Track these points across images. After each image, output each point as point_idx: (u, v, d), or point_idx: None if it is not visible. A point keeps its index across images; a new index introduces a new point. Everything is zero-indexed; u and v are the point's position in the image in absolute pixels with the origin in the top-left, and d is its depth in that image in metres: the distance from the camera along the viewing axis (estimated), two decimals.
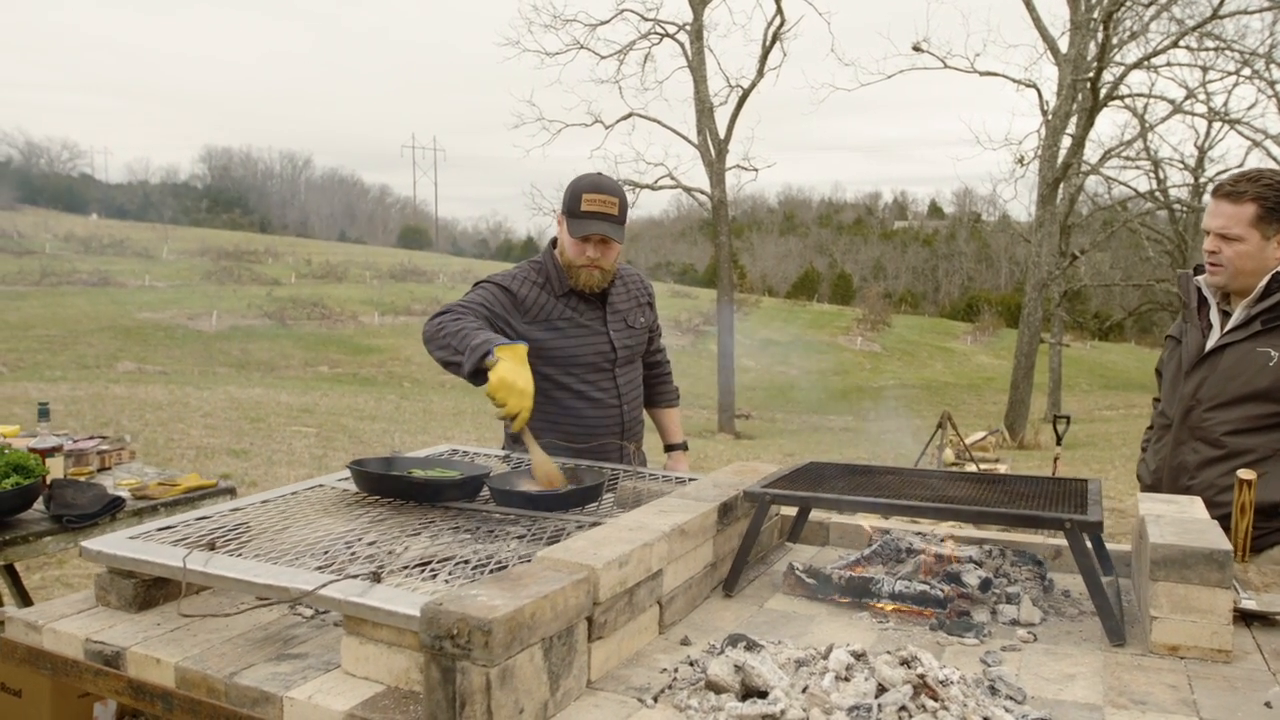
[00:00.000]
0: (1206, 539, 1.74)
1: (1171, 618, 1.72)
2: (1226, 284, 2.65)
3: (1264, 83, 21.05)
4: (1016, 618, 1.91)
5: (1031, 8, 18.47)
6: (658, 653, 1.76)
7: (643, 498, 2.50)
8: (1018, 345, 20.73)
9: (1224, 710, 1.49)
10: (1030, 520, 1.88)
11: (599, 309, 2.97)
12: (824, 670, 1.54)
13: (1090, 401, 31.68)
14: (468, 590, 1.46)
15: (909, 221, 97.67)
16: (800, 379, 35.54)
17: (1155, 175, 26.42)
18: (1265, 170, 2.69)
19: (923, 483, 2.25)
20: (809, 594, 2.08)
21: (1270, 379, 2.50)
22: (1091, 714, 1.48)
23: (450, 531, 2.13)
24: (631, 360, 3.08)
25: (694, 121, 19.66)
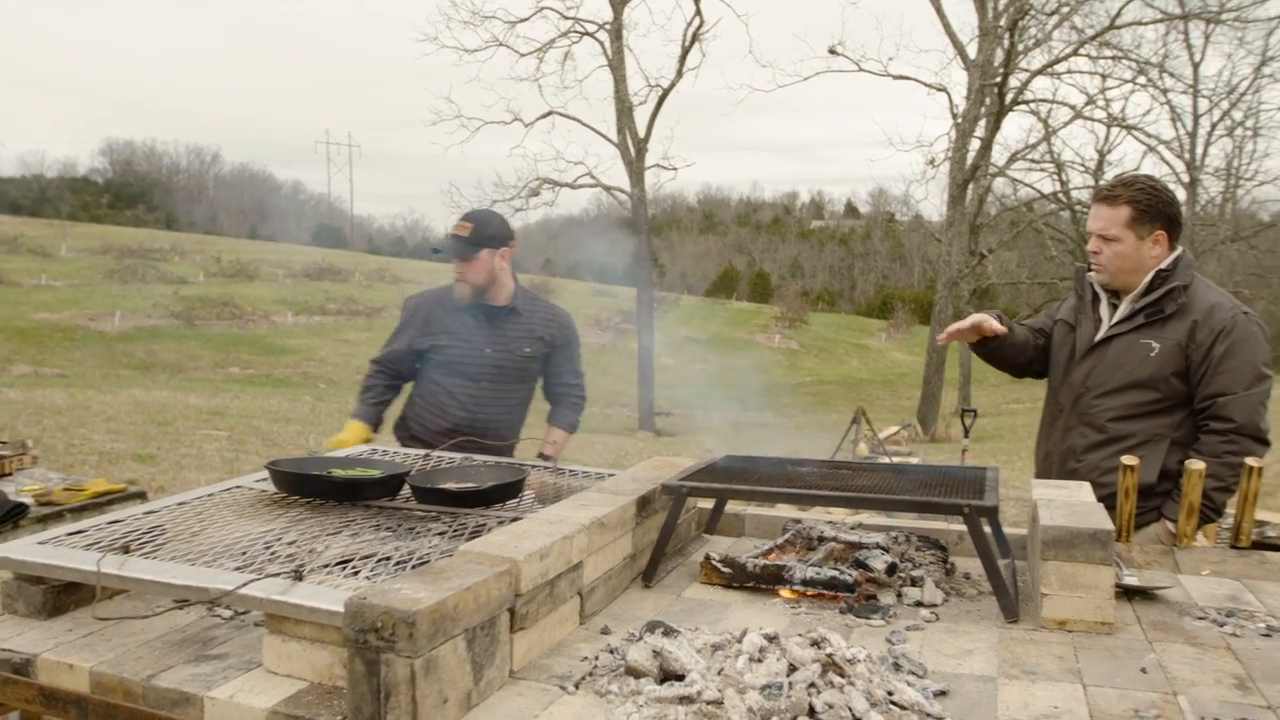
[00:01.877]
0: (1091, 520, 1.86)
1: (1060, 594, 1.84)
2: (1108, 281, 2.81)
3: (1157, 90, 22.14)
4: (920, 599, 2.01)
5: (942, 14, 19.07)
6: (579, 642, 1.80)
7: (563, 493, 2.54)
8: (929, 342, 21.40)
9: (1104, 677, 1.61)
10: (932, 506, 1.99)
11: (483, 328, 3.36)
12: (738, 653, 1.61)
13: (998, 395, 32.78)
14: (391, 584, 1.49)
15: (826, 221, 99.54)
16: (720, 376, 35.91)
17: (1058, 177, 27.48)
18: (1140, 176, 2.86)
19: (834, 474, 2.34)
20: (725, 582, 2.15)
21: (1151, 369, 2.67)
22: (986, 685, 1.58)
23: (371, 530, 2.14)
24: (507, 380, 3.40)
25: (614, 120, 19.74)
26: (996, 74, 18.73)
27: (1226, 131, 26.42)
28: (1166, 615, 1.93)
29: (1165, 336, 2.67)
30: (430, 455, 2.88)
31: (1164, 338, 2.67)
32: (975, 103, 19.07)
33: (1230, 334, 2.59)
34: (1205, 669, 1.65)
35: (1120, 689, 1.56)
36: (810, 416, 25.40)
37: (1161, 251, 2.75)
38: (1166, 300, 2.70)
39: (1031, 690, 1.56)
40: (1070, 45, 19.65)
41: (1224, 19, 20.27)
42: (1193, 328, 2.64)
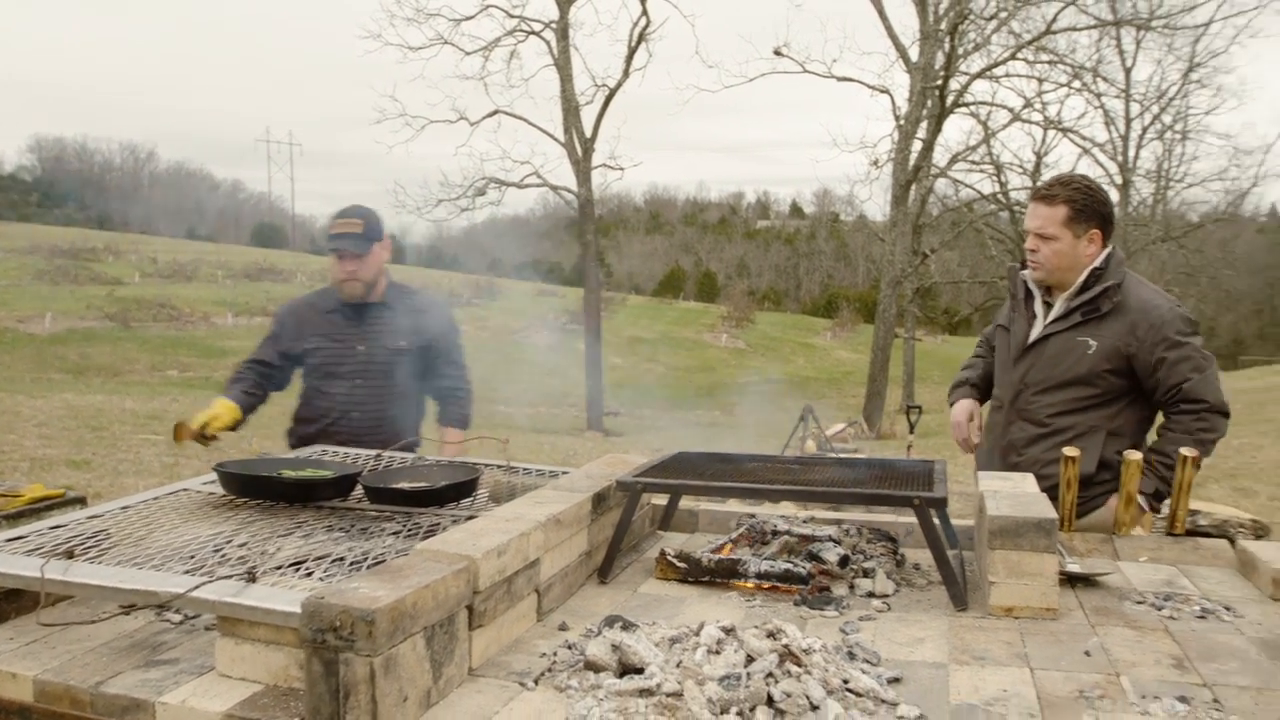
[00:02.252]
0: (1035, 509, 1.92)
1: (1007, 582, 1.89)
2: (1045, 279, 2.89)
3: (1092, 95, 22.74)
4: (872, 590, 2.05)
5: (884, 17, 19.36)
6: (537, 638, 1.81)
7: (517, 491, 2.54)
8: (874, 340, 21.70)
9: (1050, 660, 1.66)
10: (882, 499, 2.03)
11: (356, 327, 3.33)
12: (696, 646, 1.63)
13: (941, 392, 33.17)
14: (348, 583, 1.47)
15: (771, 221, 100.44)
16: (667, 376, 36.06)
17: (997, 179, 28.10)
18: (1076, 175, 2.95)
19: (785, 469, 2.37)
20: (680, 577, 2.17)
21: (1089, 366, 2.75)
22: (937, 671, 1.62)
23: (324, 531, 2.11)
24: (382, 376, 3.35)
25: (560, 120, 19.69)
26: (937, 77, 19.08)
27: (1157, 135, 27.29)
28: (1107, 600, 2.00)
29: (1102, 334, 2.75)
30: (382, 455, 2.86)
31: (1101, 335, 2.75)
32: (917, 105, 19.40)
33: (1166, 325, 2.68)
34: (1145, 650, 1.71)
35: (1065, 671, 1.61)
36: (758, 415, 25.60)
37: (1096, 250, 2.83)
38: (1102, 299, 2.78)
39: (981, 675, 1.60)
40: (1008, 50, 20.10)
41: (1154, 26, 20.92)
42: (1132, 326, 2.71)
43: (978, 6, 19.03)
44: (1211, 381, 2.65)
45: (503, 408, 24.44)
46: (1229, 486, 9.00)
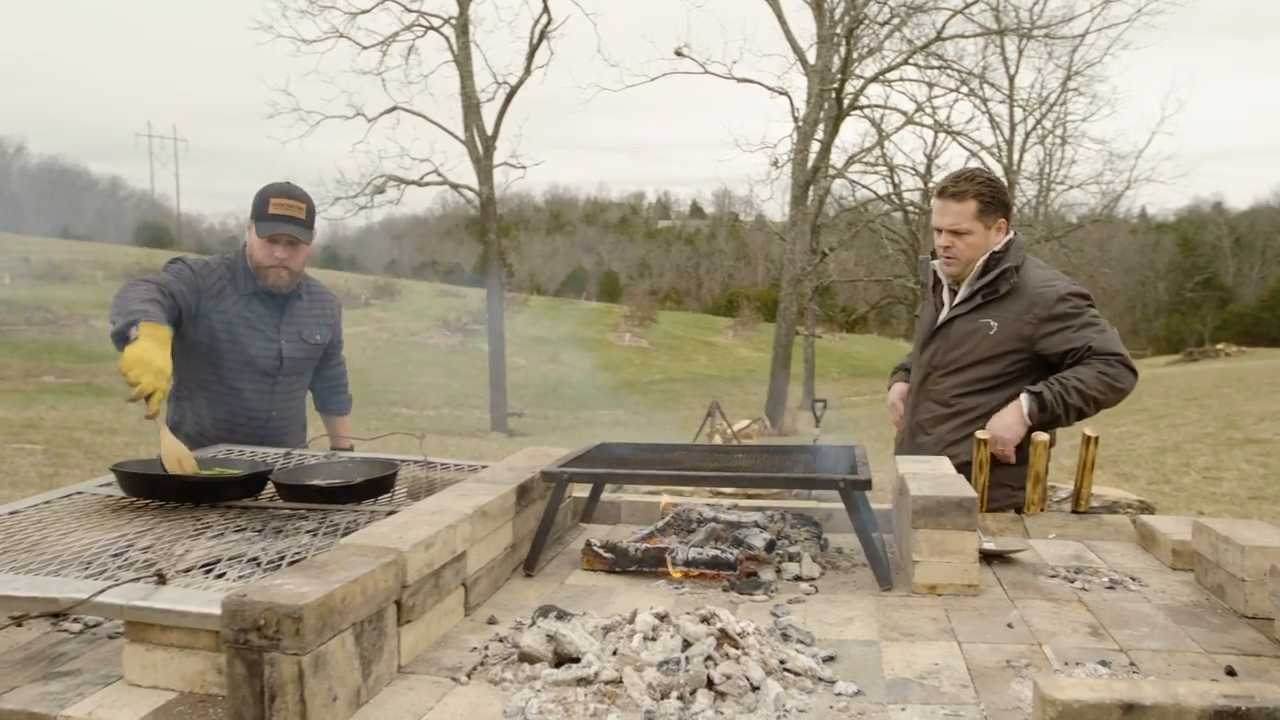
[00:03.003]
0: (955, 489, 1.97)
1: (930, 560, 1.93)
2: (960, 273, 2.98)
3: (979, 100, 23.65)
4: (799, 574, 2.07)
5: (783, 21, 19.73)
6: (465, 633, 1.76)
7: (435, 486, 2.48)
8: (775, 338, 22.08)
9: (976, 634, 1.70)
10: (809, 482, 2.05)
11: (276, 316, 3.03)
12: (631, 633, 1.61)
13: (840, 388, 34.26)
14: (271, 580, 1.40)
15: (672, 221, 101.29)
16: (571, 375, 35.98)
17: (891, 180, 28.99)
18: (978, 169, 3.05)
19: (710, 457, 2.38)
20: (607, 567, 2.15)
21: (990, 346, 2.84)
22: (869, 648, 1.64)
23: (235, 531, 2.01)
24: (298, 372, 3.14)
25: (461, 117, 19.41)
26: (834, 80, 19.55)
27: (1039, 140, 28.56)
28: (1023, 576, 2.06)
29: (1002, 315, 2.85)
30: (291, 453, 2.75)
31: (1001, 316, 2.85)
32: (815, 107, 19.84)
33: (1066, 300, 2.79)
34: (1062, 620, 1.77)
35: (991, 643, 1.65)
36: (662, 413, 25.78)
37: (1002, 238, 2.94)
38: (1000, 281, 2.88)
39: (912, 650, 1.63)
40: (901, 55, 20.75)
41: (1035, 35, 21.90)
42: (1029, 305, 2.82)
43: (872, 12, 19.59)
44: (1116, 338, 2.73)
45: (404, 410, 23.98)
46: (1111, 472, 9.49)
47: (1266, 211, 58.81)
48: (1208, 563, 1.95)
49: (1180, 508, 7.71)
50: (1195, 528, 2.02)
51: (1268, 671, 1.53)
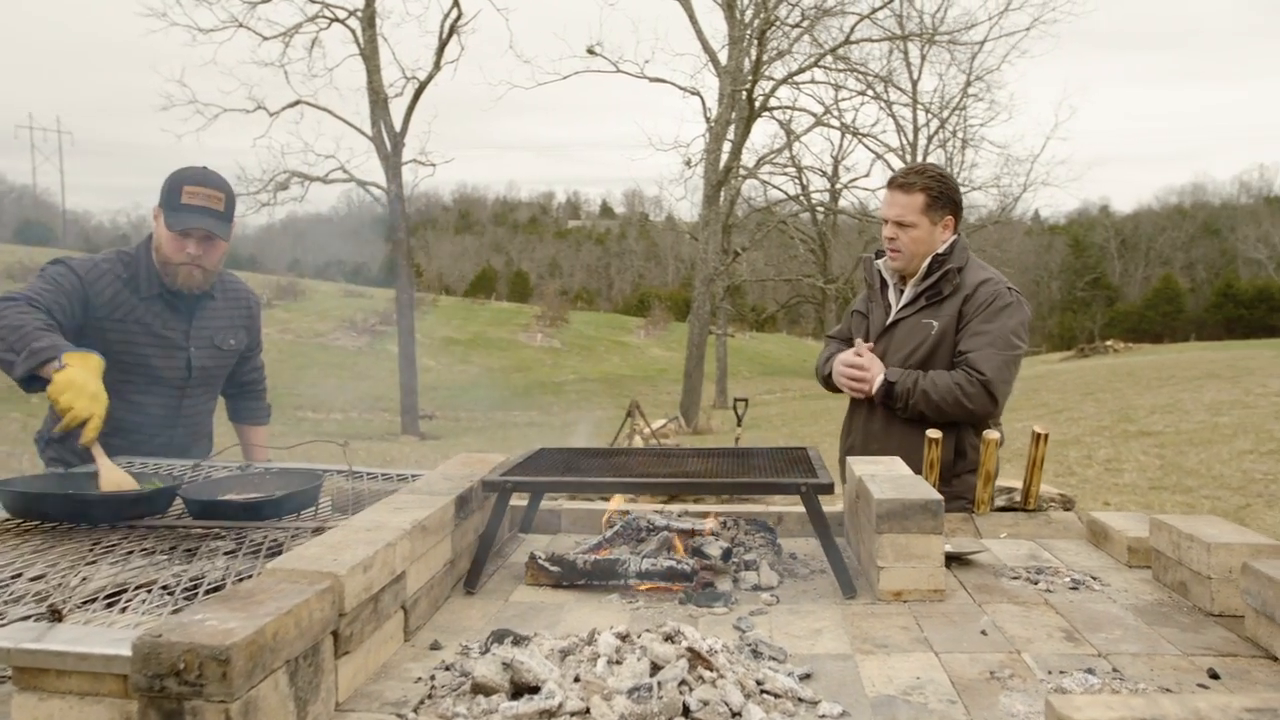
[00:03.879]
0: (919, 491, 1.90)
1: (896, 566, 1.85)
2: (904, 267, 2.94)
3: (883, 103, 24.19)
4: (758, 583, 1.97)
5: (695, 21, 19.78)
6: (407, 661, 1.60)
7: (363, 498, 2.30)
8: (689, 337, 22.16)
9: (951, 642, 1.63)
10: (770, 488, 1.95)
11: (185, 321, 2.74)
12: (594, 656, 1.48)
13: (751, 387, 34.63)
14: (190, 616, 1.23)
15: (582, 221, 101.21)
16: (483, 377, 35.50)
17: (800, 181, 29.46)
18: (930, 165, 3.03)
19: (661, 461, 2.26)
20: (554, 582, 2.01)
21: (932, 346, 2.83)
22: (845, 663, 1.55)
23: (140, 554, 1.81)
24: (209, 382, 2.87)
25: (368, 113, 18.87)
26: (746, 81, 19.70)
27: (940, 144, 29.40)
28: (985, 578, 2.01)
29: (943, 314, 2.84)
30: (201, 465, 2.53)
31: (942, 316, 2.84)
32: (727, 107, 19.96)
33: (995, 301, 2.79)
34: (1034, 625, 1.72)
35: (969, 653, 1.58)
36: (576, 414, 25.59)
37: (949, 236, 2.91)
38: (943, 282, 2.86)
39: (889, 663, 1.54)
40: (811, 58, 21.05)
41: (938, 40, 22.51)
42: (964, 302, 2.82)
43: (783, 14, 19.81)
44: (998, 362, 2.73)
45: (310, 414, 23.20)
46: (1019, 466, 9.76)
47: (1149, 215, 62.01)
48: (1167, 560, 1.92)
49: (1087, 499, 7.96)
50: (1153, 525, 2.00)
51: (1248, 672, 1.49)
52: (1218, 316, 45.11)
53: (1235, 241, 54.66)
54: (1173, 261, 55.44)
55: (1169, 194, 68.80)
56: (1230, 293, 46.43)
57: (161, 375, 2.71)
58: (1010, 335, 2.79)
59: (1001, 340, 2.77)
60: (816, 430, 17.78)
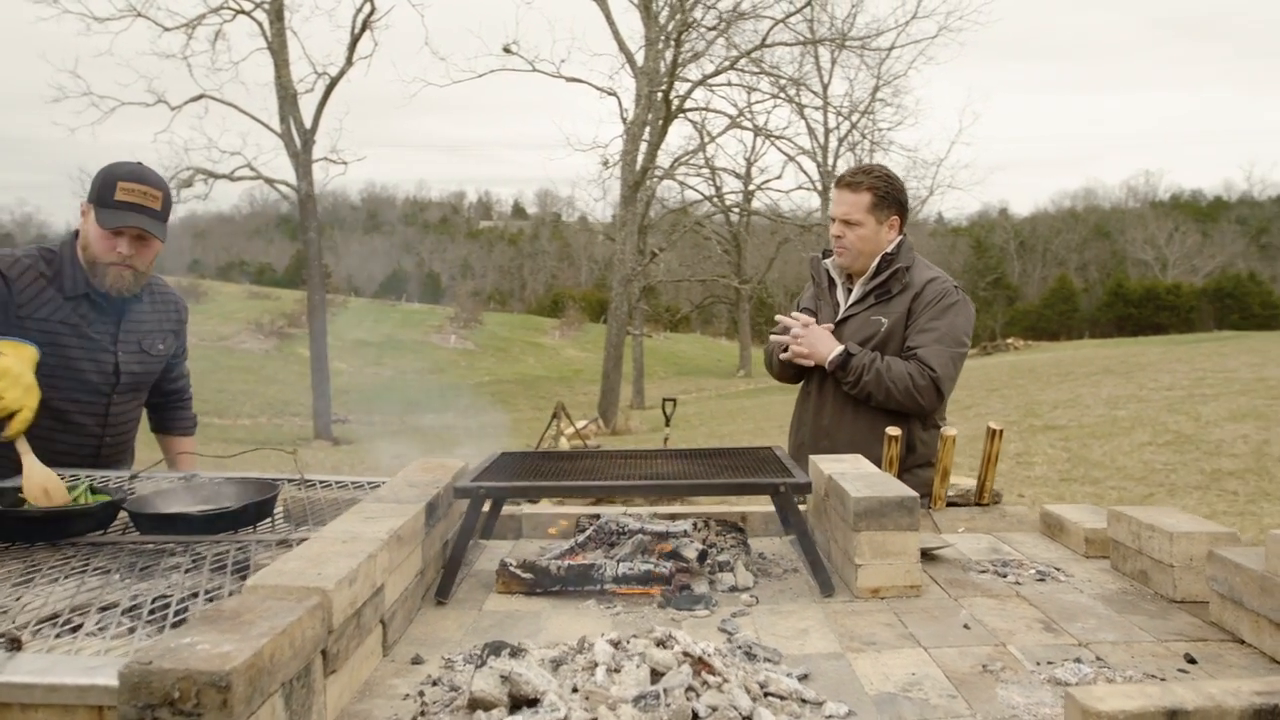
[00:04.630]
0: (894, 489, 1.91)
1: (873, 563, 1.87)
2: (850, 264, 2.98)
3: (795, 106, 24.61)
4: (735, 584, 1.96)
5: (611, 21, 19.76)
6: (390, 678, 1.54)
7: (320, 508, 2.22)
8: (607, 338, 22.15)
9: (937, 638, 1.65)
10: (749, 488, 1.95)
11: (113, 323, 2.60)
12: (590, 665, 1.45)
13: (667, 387, 34.82)
14: (177, 639, 1.15)
15: (494, 221, 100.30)
16: (396, 379, 34.86)
17: (713, 182, 29.74)
18: (876, 165, 3.08)
19: (624, 463, 2.24)
20: (527, 589, 1.97)
21: (880, 342, 2.88)
22: (837, 662, 1.55)
23: (91, 574, 1.70)
24: (136, 389, 2.73)
25: (276, 109, 18.29)
26: (662, 82, 19.79)
27: (850, 147, 30.09)
28: (954, 573, 2.04)
29: (892, 312, 2.89)
30: (138, 475, 2.39)
31: (891, 313, 2.89)
32: (644, 108, 20.02)
33: (943, 299, 2.86)
34: (1012, 617, 1.75)
35: (956, 647, 1.60)
36: (493, 416, 25.30)
37: (895, 235, 2.96)
38: (892, 281, 2.92)
39: (881, 661, 1.55)
40: (728, 60, 21.27)
41: (850, 45, 23.02)
42: (913, 300, 2.87)
43: (699, 15, 19.96)
44: (946, 358, 2.80)
45: (217, 420, 22.37)
46: None
47: (1045, 218, 64.69)
48: (1127, 550, 1.99)
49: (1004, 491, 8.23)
50: (1111, 516, 2.06)
51: (1221, 656, 1.55)
52: (1109, 315, 47.35)
53: (1124, 243, 57.49)
54: (1067, 262, 57.98)
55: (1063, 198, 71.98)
56: (1120, 292, 48.77)
57: (88, 379, 2.56)
58: (958, 333, 2.85)
59: (950, 337, 2.83)
60: (736, 429, 17.99)
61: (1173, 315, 44.73)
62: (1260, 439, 9.61)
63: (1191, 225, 56.23)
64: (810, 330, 2.93)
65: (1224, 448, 9.39)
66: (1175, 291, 47.31)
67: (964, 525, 2.44)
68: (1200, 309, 45.49)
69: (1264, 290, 47.05)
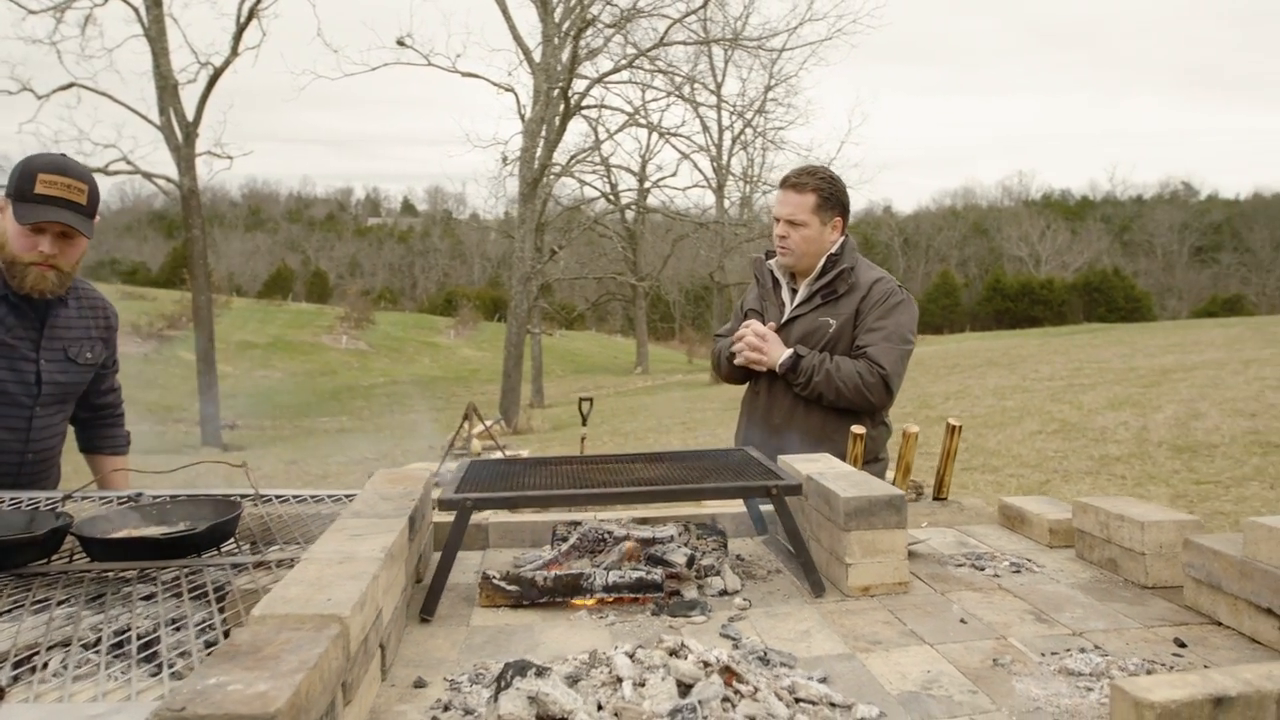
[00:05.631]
0: (880, 489, 1.94)
1: (863, 562, 1.89)
2: (794, 264, 3.02)
3: (690, 104, 24.83)
4: (724, 588, 1.95)
5: (508, 16, 19.51)
6: (396, 704, 1.47)
7: (285, 524, 2.11)
8: (507, 336, 21.89)
9: (938, 633, 1.67)
10: (744, 491, 1.94)
11: (35, 329, 2.44)
12: (613, 680, 1.41)
13: (566, 385, 34.71)
14: (200, 680, 1.06)
15: (383, 218, 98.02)
16: (286, 382, 33.71)
17: (608, 180, 29.76)
18: (820, 166, 3.12)
19: (603, 468, 2.20)
20: (512, 602, 1.91)
21: (829, 342, 2.92)
22: (850, 662, 1.56)
23: (51, 607, 1.56)
24: (61, 401, 2.56)
25: (155, 99, 17.37)
26: (560, 79, 19.67)
27: (743, 145, 30.57)
28: (933, 568, 2.08)
29: (839, 313, 2.94)
30: (73, 495, 2.22)
31: (839, 314, 2.94)
32: (543, 105, 19.85)
33: (889, 298, 2.92)
34: (1002, 610, 1.79)
35: (960, 642, 1.63)
36: (390, 418, 24.73)
37: (838, 236, 3.01)
38: (838, 281, 2.96)
39: (892, 659, 1.56)
40: (626, 58, 21.28)
41: (745, 45, 23.36)
42: (861, 301, 2.93)
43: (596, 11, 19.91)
44: (897, 356, 2.87)
45: None
46: None
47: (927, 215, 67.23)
48: (1094, 539, 2.06)
49: None
50: (1076, 507, 2.14)
51: (1206, 639, 1.62)
52: (988, 309, 49.55)
53: (1001, 240, 60.26)
54: (949, 259, 60.39)
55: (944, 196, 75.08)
56: (998, 287, 51.11)
57: (6, 390, 2.38)
58: (904, 331, 2.92)
59: (897, 336, 2.89)
60: (638, 426, 18.04)
61: (1046, 309, 47.14)
62: (1139, 425, 10.21)
63: (1061, 223, 59.37)
64: (767, 339, 2.95)
65: (1108, 434, 9.93)
66: (1048, 286, 49.87)
67: (926, 520, 2.49)
68: (1071, 302, 48.09)
69: (1127, 284, 50.08)
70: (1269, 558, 1.56)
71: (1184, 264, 57.30)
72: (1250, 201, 64.33)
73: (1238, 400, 10.91)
